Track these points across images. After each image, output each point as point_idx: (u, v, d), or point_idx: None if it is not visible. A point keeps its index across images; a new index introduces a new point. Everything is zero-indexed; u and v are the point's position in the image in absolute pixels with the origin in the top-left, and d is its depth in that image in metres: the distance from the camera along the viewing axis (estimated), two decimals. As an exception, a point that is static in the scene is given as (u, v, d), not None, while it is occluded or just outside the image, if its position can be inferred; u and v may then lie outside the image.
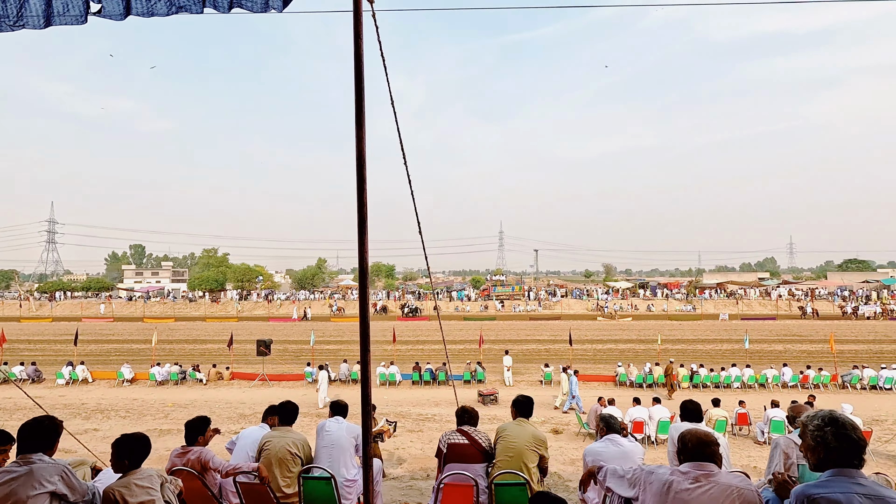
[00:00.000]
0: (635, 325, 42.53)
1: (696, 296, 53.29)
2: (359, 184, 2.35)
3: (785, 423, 11.39)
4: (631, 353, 26.81)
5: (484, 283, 65.46)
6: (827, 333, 23.66)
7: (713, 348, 28.96)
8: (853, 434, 1.78)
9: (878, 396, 17.21)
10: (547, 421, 14.04)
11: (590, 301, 53.04)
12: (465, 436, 4.27)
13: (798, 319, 44.25)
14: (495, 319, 47.73)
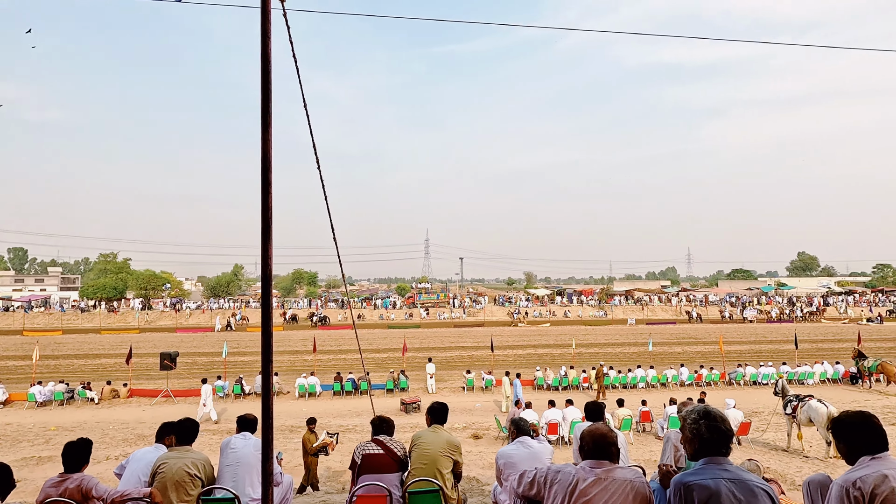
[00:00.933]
0: (553, 330, 44.54)
1: (607, 302, 56.93)
2: (263, 186, 2.25)
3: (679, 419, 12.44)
4: (548, 358, 28.01)
5: (409, 290, 65.36)
6: (717, 336, 26.29)
7: (621, 351, 31.05)
8: (722, 426, 1.99)
9: (756, 391, 19.34)
10: (468, 426, 14.25)
11: (512, 308, 54.78)
12: (380, 445, 4.21)
13: (693, 323, 48.77)
14: (420, 327, 47.79)
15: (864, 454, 2.17)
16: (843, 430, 2.29)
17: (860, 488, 2.04)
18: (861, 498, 2.02)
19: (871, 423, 2.23)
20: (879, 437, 2.19)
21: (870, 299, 56.56)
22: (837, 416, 2.39)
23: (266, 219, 2.24)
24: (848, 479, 2.11)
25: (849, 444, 2.24)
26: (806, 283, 75.01)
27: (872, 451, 2.16)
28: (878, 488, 2.01)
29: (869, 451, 2.16)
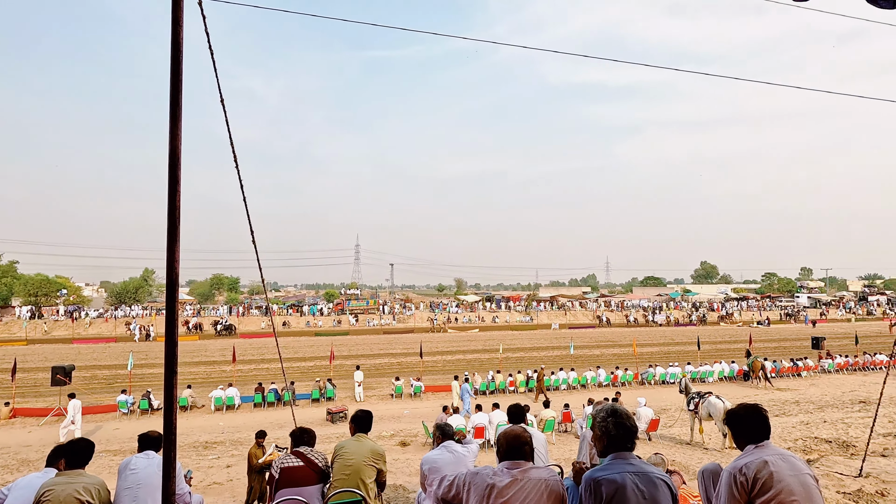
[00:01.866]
0: (481, 335, 45.44)
1: (533, 308, 59.07)
2: (171, 185, 2.08)
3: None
4: (476, 363, 28.49)
5: (338, 297, 63.81)
6: (632, 339, 28.15)
7: (546, 355, 32.29)
8: (628, 422, 2.13)
9: (665, 390, 20.89)
10: (395, 434, 14.11)
11: (441, 314, 55.17)
12: (299, 457, 4.05)
13: (603, 327, 51.90)
14: (348, 334, 46.81)
15: (751, 443, 2.41)
16: (734, 421, 2.54)
17: (745, 474, 2.27)
18: (745, 482, 2.25)
19: (756, 415, 2.48)
20: (763, 427, 2.45)
21: (759, 304, 63.33)
22: (730, 409, 2.64)
23: (172, 219, 2.07)
24: (735, 466, 2.34)
25: (739, 433, 2.48)
26: (707, 290, 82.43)
27: (756, 439, 2.41)
28: (760, 473, 2.25)
29: (754, 440, 2.41)
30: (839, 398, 18.07)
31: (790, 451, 2.49)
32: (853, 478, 5.35)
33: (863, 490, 4.76)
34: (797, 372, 23.54)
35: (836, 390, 19.97)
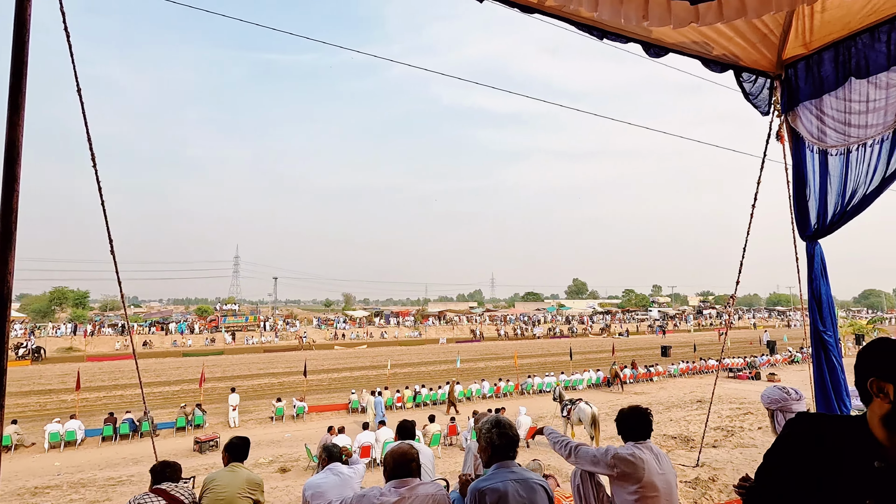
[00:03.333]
0: (369, 351, 44.68)
1: (422, 323, 59.71)
2: (7, 184, 1.76)
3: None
4: (364, 380, 27.91)
5: (212, 312, 58.37)
6: (514, 351, 29.74)
7: (433, 369, 32.73)
8: (510, 432, 2.26)
9: (542, 398, 22.35)
10: (275, 459, 13.19)
11: (328, 330, 53.27)
12: (161, 495, 3.59)
13: (503, 340, 54.37)
14: (223, 353, 42.97)
15: (632, 440, 2.69)
16: (622, 421, 2.81)
17: (616, 458, 2.56)
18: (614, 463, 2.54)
19: (639, 416, 2.78)
20: (644, 427, 2.74)
21: (620, 317, 71.10)
22: (620, 410, 2.92)
23: (7, 224, 1.74)
24: (616, 450, 2.62)
25: (625, 432, 2.75)
26: (578, 305, 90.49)
27: (638, 438, 2.70)
28: (629, 466, 2.54)
29: (635, 438, 2.70)
30: (682, 399, 20.84)
31: (664, 452, 2.83)
32: (692, 468, 6.06)
33: (699, 478, 5.41)
34: (650, 377, 26.71)
35: (679, 392, 23.01)
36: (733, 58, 3.55)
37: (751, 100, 3.70)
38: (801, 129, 3.68)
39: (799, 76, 3.69)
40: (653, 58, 3.32)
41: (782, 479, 1.54)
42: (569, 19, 3.03)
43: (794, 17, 3.38)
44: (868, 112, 3.29)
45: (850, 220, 3.48)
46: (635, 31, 3.17)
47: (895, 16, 3.07)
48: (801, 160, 3.71)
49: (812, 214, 3.63)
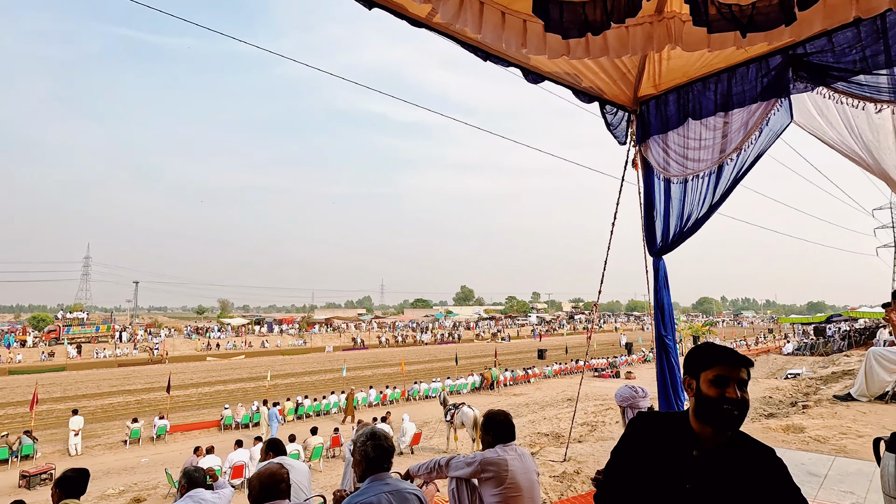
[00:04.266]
0: (248, 362, 41.63)
1: (307, 331, 57.19)
2: None
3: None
4: (240, 393, 25.91)
5: (52, 322, 49.83)
6: (401, 358, 29.76)
7: (318, 379, 31.50)
8: (385, 443, 2.24)
9: (428, 404, 22.68)
10: (128, 489, 11.61)
11: (200, 340, 48.58)
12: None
13: (384, 348, 53.95)
14: (65, 369, 36.95)
15: (500, 443, 2.80)
16: (488, 425, 2.90)
17: (485, 462, 2.66)
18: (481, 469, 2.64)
19: (504, 420, 2.90)
20: (509, 430, 2.87)
21: (504, 322, 75.04)
22: (485, 413, 3.02)
23: None
24: (485, 456, 2.70)
25: (493, 435, 2.85)
26: (465, 311, 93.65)
27: (505, 440, 2.81)
28: (498, 466, 2.65)
29: (503, 441, 2.81)
30: (555, 398, 22.55)
31: (527, 451, 3.00)
32: (560, 462, 6.54)
33: (566, 471, 5.85)
34: (527, 379, 28.51)
35: (553, 392, 24.87)
36: (598, 91, 3.97)
37: (611, 130, 4.16)
38: (650, 159, 4.21)
39: (650, 113, 4.23)
40: (531, 83, 3.58)
41: (624, 471, 1.72)
42: (455, 38, 3.15)
43: (647, 62, 3.88)
44: (701, 149, 3.88)
45: (687, 238, 4.06)
46: (516, 56, 3.39)
47: (721, 70, 3.67)
48: (650, 186, 4.24)
49: (658, 233, 4.16)
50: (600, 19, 2.62)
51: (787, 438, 4.51)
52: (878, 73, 2.92)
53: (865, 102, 2.95)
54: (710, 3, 2.73)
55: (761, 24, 2.65)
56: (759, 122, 3.46)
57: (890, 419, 4.89)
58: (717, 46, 2.89)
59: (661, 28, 3.12)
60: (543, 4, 2.54)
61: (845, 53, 3.02)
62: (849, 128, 3.07)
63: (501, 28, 2.81)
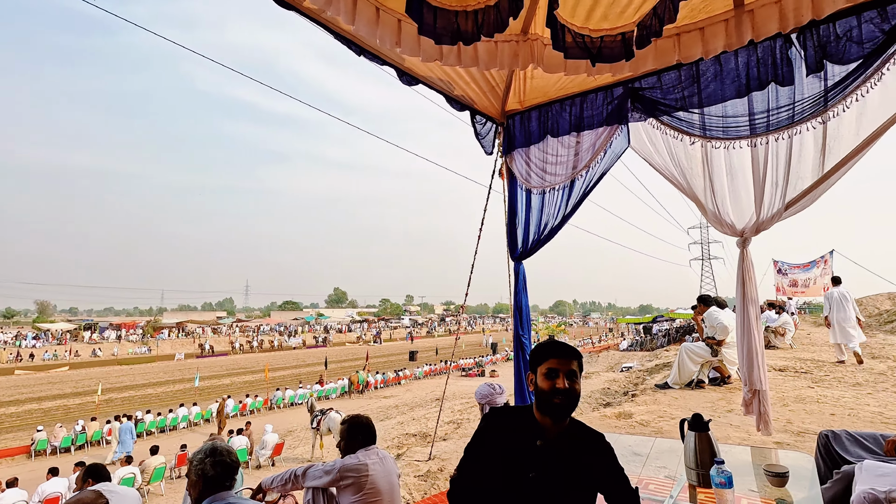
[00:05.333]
0: (73, 375, 35.45)
1: (153, 336, 50.63)
2: None
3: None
4: (61, 412, 21.91)
5: None
6: (265, 364, 27.85)
7: (165, 390, 28.05)
8: (228, 459, 2.02)
9: (294, 411, 21.52)
10: None
11: (6, 350, 40.09)
12: None
13: (247, 353, 49.99)
14: None
15: (361, 448, 2.71)
16: (349, 430, 2.79)
17: (347, 469, 2.56)
18: (343, 476, 2.55)
19: (364, 425, 2.82)
20: (370, 434, 2.80)
21: (377, 325, 74.61)
22: (344, 419, 2.92)
23: None
24: (345, 463, 2.60)
25: (354, 440, 2.75)
26: (338, 314, 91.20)
27: (366, 444, 2.73)
28: (359, 472, 2.56)
29: (364, 445, 2.73)
30: (424, 398, 22.99)
31: (389, 454, 2.95)
32: (425, 461, 6.64)
33: (430, 470, 5.94)
34: (398, 381, 28.67)
35: (422, 392, 25.33)
36: (469, 101, 4.12)
37: (480, 139, 4.36)
38: (515, 170, 4.50)
39: (516, 127, 4.52)
40: (405, 84, 3.58)
41: (475, 465, 1.78)
42: (328, 27, 3.01)
43: (514, 78, 4.14)
44: (557, 164, 4.24)
45: (544, 245, 4.40)
46: (390, 55, 3.37)
47: (575, 94, 4.07)
48: (514, 195, 4.52)
49: (519, 240, 4.45)
50: (471, 30, 2.71)
51: (619, 424, 5.14)
52: (692, 112, 3.48)
53: (683, 135, 3.50)
54: (567, 32, 3.00)
55: (607, 57, 2.98)
56: (604, 144, 3.89)
57: (695, 402, 5.86)
58: (572, 71, 3.19)
59: (526, 47, 3.34)
60: (417, 7, 2.55)
61: (670, 91, 3.55)
62: (671, 155, 3.61)
63: (376, 24, 2.76)
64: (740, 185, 3.32)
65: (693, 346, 6.79)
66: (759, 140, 3.20)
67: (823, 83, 2.95)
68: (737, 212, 3.35)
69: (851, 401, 5.56)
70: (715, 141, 3.37)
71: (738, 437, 4.37)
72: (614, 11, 2.88)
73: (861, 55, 2.81)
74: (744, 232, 3.30)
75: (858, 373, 7.41)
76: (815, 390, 6.18)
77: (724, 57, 3.28)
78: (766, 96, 3.15)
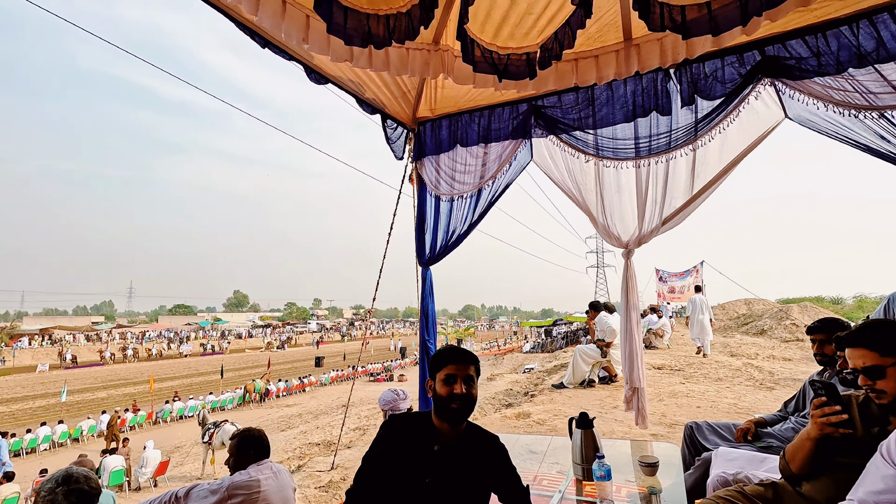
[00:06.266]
0: None
1: (8, 345, 43.73)
2: None
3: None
4: None
5: None
6: (150, 374, 25.24)
7: (21, 408, 24.33)
8: (86, 486, 1.79)
9: (184, 425, 19.75)
10: None
11: None
12: None
13: (124, 363, 44.95)
14: None
15: (253, 462, 2.54)
16: (239, 445, 2.61)
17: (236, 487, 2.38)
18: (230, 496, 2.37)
19: (257, 438, 2.65)
20: (263, 449, 2.64)
21: (281, 330, 71.03)
22: (235, 433, 2.72)
23: None
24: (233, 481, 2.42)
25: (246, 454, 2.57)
26: (237, 318, 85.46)
27: (258, 459, 2.57)
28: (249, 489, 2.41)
29: (256, 460, 2.56)
30: (330, 405, 22.29)
31: (284, 467, 2.80)
32: (327, 471, 6.45)
33: (332, 480, 5.78)
34: (303, 388, 27.54)
35: (328, 399, 24.55)
36: (381, 104, 4.10)
37: (390, 144, 4.35)
38: (425, 176, 4.54)
39: (427, 134, 4.57)
40: (313, 82, 3.47)
41: (373, 473, 1.76)
42: (229, 14, 2.83)
43: (425, 86, 4.19)
44: (466, 173, 4.36)
45: (451, 251, 4.49)
46: (298, 51, 3.24)
47: (484, 106, 4.22)
48: (423, 201, 4.56)
49: (427, 245, 4.50)
50: (383, 34, 2.70)
51: (518, 424, 5.38)
52: (587, 132, 3.77)
53: (579, 153, 3.78)
54: (476, 46, 3.10)
55: (513, 74, 3.12)
56: (510, 157, 4.08)
57: (586, 401, 6.31)
58: (481, 85, 3.29)
59: (437, 57, 3.40)
60: (327, 5, 2.49)
61: (568, 112, 3.81)
62: (568, 171, 3.87)
63: (281, 17, 2.64)
64: (626, 202, 3.65)
65: (586, 349, 7.32)
66: (642, 162, 3.55)
67: (695, 115, 3.35)
68: (622, 226, 3.68)
69: (714, 394, 6.34)
70: (606, 160, 3.68)
71: (621, 431, 4.78)
72: (520, 32, 3.03)
73: (724, 93, 3.23)
74: (628, 244, 3.63)
75: (721, 369, 8.49)
76: (686, 385, 6.96)
77: (615, 84, 3.59)
78: (649, 123, 3.50)
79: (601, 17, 3.08)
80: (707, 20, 2.47)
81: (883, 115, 2.78)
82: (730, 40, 2.66)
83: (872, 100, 2.79)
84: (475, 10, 2.88)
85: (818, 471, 1.73)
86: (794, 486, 1.79)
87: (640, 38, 3.20)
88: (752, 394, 6.35)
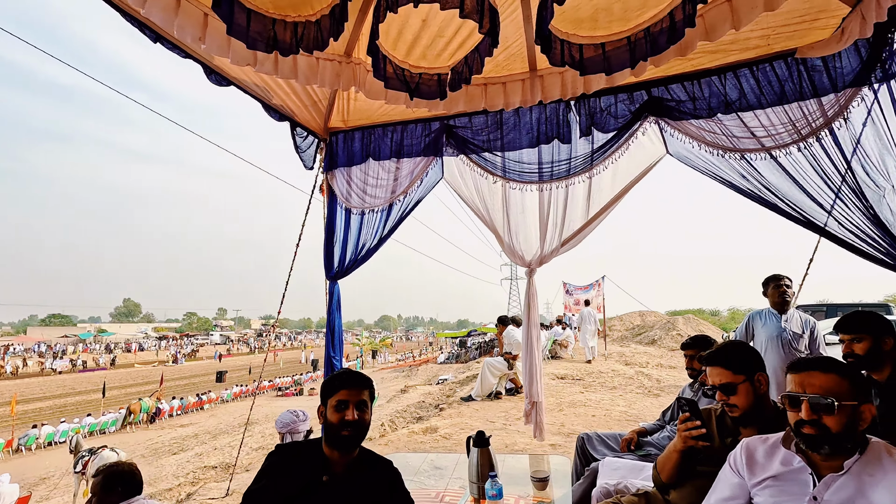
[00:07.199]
0: None
1: None
2: None
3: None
4: None
5: None
6: (12, 394, 21.90)
7: None
8: None
9: (55, 452, 17.34)
10: None
11: None
12: None
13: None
14: None
15: (123, 499, 2.26)
16: (106, 481, 2.31)
17: None
18: None
19: (128, 474, 2.37)
20: (136, 485, 2.36)
21: (179, 342, 65.21)
22: (101, 468, 2.41)
23: None
24: None
25: (112, 491, 2.28)
26: (127, 329, 77.22)
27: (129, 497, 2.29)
28: None
29: (127, 497, 2.28)
30: (231, 424, 20.76)
31: (158, 502, 2.53)
32: (221, 498, 6.01)
33: (226, 508, 5.35)
34: (201, 406, 25.45)
35: (230, 417, 22.87)
36: (289, 112, 3.94)
37: (300, 153, 4.20)
38: (336, 188, 4.43)
39: (339, 145, 4.47)
40: (214, 84, 3.25)
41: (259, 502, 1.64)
42: (113, 3, 2.57)
43: (337, 97, 4.10)
44: (377, 187, 4.32)
45: (360, 265, 4.41)
46: (194, 49, 3.02)
47: (397, 122, 4.22)
48: (333, 214, 4.44)
49: (336, 259, 4.38)
50: (290, 42, 2.60)
51: (425, 439, 5.37)
52: (496, 154, 3.91)
53: (487, 174, 3.91)
54: (388, 63, 3.10)
55: (424, 93, 3.15)
56: (421, 173, 4.11)
57: (492, 413, 6.47)
58: (392, 101, 3.29)
59: (348, 70, 3.34)
60: (227, 6, 2.35)
61: (478, 133, 3.93)
62: (477, 190, 3.98)
63: (174, 12, 2.45)
64: (530, 223, 3.82)
65: (493, 361, 7.52)
66: (545, 186, 3.74)
67: (591, 145, 3.60)
68: (527, 245, 3.84)
69: (608, 402, 6.80)
70: (512, 182, 3.83)
71: (523, 442, 4.95)
72: (432, 53, 3.08)
73: (616, 127, 3.51)
74: (531, 263, 3.80)
75: (616, 377, 9.13)
76: (585, 395, 7.40)
77: (521, 111, 3.76)
78: (552, 150, 3.71)
79: (508, 48, 3.21)
80: (601, 60, 2.68)
81: (744, 157, 3.18)
82: (621, 80, 2.91)
83: (736, 143, 3.19)
84: (387, 28, 2.87)
85: (683, 479, 1.90)
86: (664, 495, 1.96)
87: (543, 70, 3.39)
88: (640, 401, 6.89)
